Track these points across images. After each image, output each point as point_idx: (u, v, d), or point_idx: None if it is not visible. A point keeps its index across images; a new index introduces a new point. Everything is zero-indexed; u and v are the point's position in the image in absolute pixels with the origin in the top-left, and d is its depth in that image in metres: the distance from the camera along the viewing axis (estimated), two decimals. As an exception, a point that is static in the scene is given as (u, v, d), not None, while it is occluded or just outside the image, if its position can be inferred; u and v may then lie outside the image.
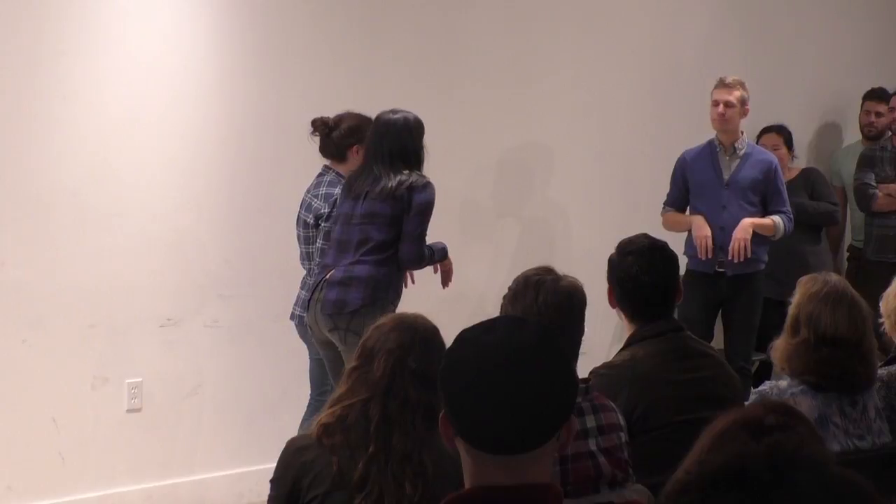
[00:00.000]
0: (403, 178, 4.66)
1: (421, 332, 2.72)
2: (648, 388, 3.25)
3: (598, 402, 2.87)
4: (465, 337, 1.83)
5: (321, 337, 4.77)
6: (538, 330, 1.83)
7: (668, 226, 5.78)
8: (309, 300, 4.79)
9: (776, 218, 5.69)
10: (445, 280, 5.03)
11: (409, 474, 2.60)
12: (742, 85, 5.74)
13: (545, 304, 2.97)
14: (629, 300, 3.43)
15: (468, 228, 6.05)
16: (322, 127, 4.96)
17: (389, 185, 4.65)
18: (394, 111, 4.77)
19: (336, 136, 4.96)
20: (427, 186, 4.69)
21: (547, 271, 3.08)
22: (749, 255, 5.58)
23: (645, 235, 3.54)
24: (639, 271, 3.39)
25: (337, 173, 4.99)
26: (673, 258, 3.51)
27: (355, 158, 4.93)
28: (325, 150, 5.02)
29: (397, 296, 4.76)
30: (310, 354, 5.08)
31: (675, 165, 5.83)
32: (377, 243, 4.68)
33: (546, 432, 1.77)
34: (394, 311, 4.51)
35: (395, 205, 4.66)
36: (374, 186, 4.68)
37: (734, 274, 5.65)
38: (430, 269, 4.95)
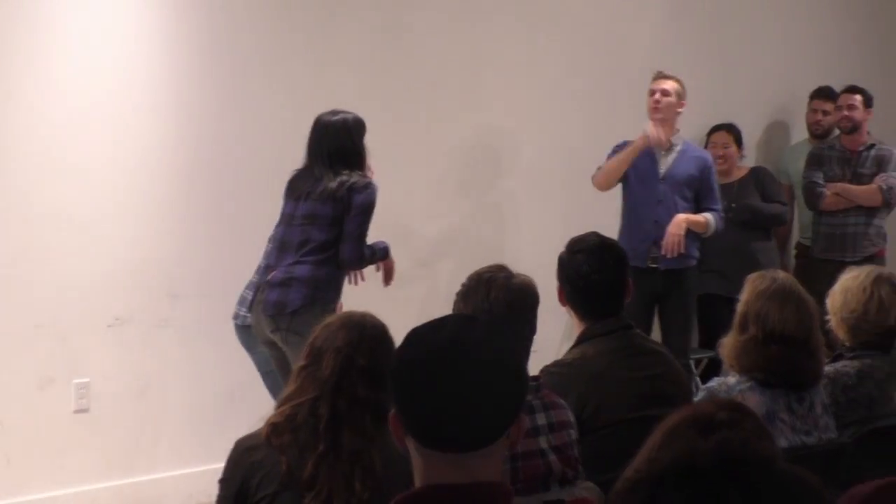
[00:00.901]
0: (344, 178, 4.69)
1: (369, 329, 2.71)
2: (599, 386, 3.25)
3: (548, 400, 2.87)
4: (414, 335, 1.82)
5: (264, 337, 4.78)
6: (488, 328, 1.82)
7: (603, 173, 5.73)
8: (251, 301, 4.80)
9: (708, 215, 5.74)
10: (387, 278, 5.05)
11: (359, 473, 2.58)
12: (679, 80, 5.78)
13: (497, 302, 2.97)
14: (579, 298, 3.43)
15: (422, 221, 6.05)
16: None
17: (330, 186, 4.67)
18: (333, 112, 4.80)
19: None
20: (368, 187, 4.71)
21: (499, 269, 3.07)
22: (682, 251, 5.62)
23: (595, 234, 3.55)
24: (589, 270, 3.40)
25: None
26: (623, 256, 3.53)
27: None
28: None
29: (337, 295, 4.78)
30: (258, 368, 5.05)
31: (616, 146, 5.80)
32: (318, 244, 4.69)
33: (496, 430, 1.77)
34: (334, 310, 4.52)
35: (335, 206, 4.68)
36: (315, 187, 4.71)
37: (666, 269, 5.68)
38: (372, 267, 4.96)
